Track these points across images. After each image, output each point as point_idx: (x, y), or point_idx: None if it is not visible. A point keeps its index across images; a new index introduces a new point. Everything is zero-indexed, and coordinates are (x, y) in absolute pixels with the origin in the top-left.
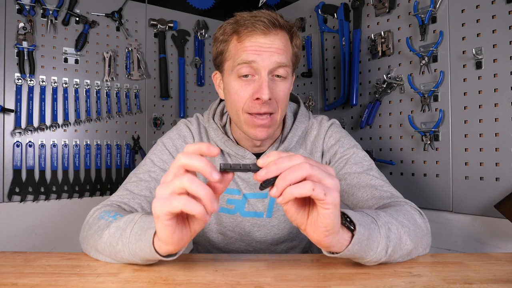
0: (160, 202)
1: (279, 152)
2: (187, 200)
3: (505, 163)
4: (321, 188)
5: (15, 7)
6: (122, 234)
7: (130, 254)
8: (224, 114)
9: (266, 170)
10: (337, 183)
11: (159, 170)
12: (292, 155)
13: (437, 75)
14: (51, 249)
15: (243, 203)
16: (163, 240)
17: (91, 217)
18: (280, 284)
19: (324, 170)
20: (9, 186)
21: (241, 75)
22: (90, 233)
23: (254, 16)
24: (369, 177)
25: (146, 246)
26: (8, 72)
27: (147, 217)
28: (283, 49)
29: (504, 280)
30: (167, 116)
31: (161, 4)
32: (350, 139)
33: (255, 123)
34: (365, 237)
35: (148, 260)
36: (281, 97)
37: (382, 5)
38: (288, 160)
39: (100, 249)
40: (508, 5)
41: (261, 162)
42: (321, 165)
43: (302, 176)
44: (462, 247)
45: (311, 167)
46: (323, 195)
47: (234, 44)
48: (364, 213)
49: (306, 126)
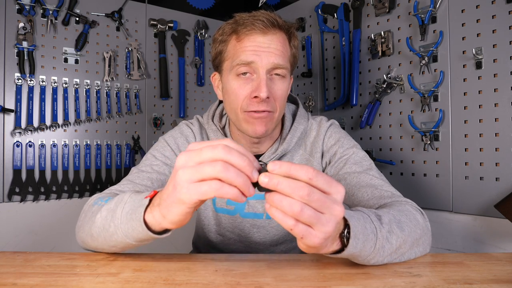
0: (188, 188)
1: (290, 165)
2: (220, 185)
3: (505, 163)
4: (301, 232)
5: (15, 7)
6: (113, 216)
7: (123, 235)
8: (223, 116)
9: (268, 180)
10: (327, 228)
11: (161, 164)
12: (303, 173)
13: (437, 75)
14: (51, 249)
15: (243, 204)
16: (174, 221)
17: (87, 205)
18: (280, 284)
19: (322, 209)
20: (9, 186)
21: (240, 73)
22: (85, 220)
23: (253, 15)
24: (369, 176)
25: (137, 225)
26: (8, 72)
27: (136, 196)
28: (281, 50)
29: (505, 280)
30: (167, 116)
31: (161, 4)
32: (350, 139)
33: (253, 117)
34: (357, 249)
35: (142, 241)
36: (279, 95)
37: (382, 5)
38: (289, 186)
39: (95, 235)
40: (508, 5)
41: (270, 167)
42: (324, 200)
43: (290, 213)
44: (462, 247)
45: (301, 210)
46: (300, 238)
47: (233, 44)
48: (369, 219)
49: (305, 127)
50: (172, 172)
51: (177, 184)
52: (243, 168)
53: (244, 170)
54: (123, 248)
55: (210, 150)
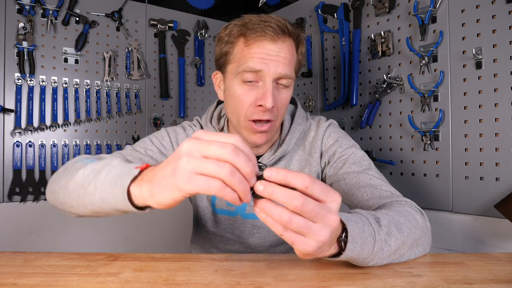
0: (190, 179)
1: (286, 173)
2: (222, 187)
3: (505, 163)
4: (291, 239)
5: (15, 7)
6: (97, 176)
7: (100, 199)
8: (221, 118)
9: (263, 188)
10: (320, 237)
11: (156, 150)
12: (299, 181)
13: (437, 75)
14: (51, 249)
15: (245, 205)
16: (162, 204)
17: (70, 161)
18: (280, 284)
19: (316, 219)
20: (9, 186)
21: (246, 80)
22: (65, 173)
23: (264, 20)
24: (368, 176)
25: (119, 192)
26: (8, 72)
27: (126, 164)
28: (289, 59)
29: (505, 280)
30: (167, 116)
31: (161, 4)
32: (349, 139)
33: (255, 130)
34: (355, 253)
35: (117, 210)
36: (283, 104)
37: (382, 5)
38: (283, 196)
39: (70, 189)
40: (508, 5)
41: (267, 174)
42: (317, 210)
43: (279, 221)
44: (462, 247)
45: (290, 220)
46: (291, 243)
47: (241, 48)
48: (368, 222)
49: (304, 127)
50: (173, 155)
51: (178, 170)
52: (247, 175)
53: (247, 177)
54: (92, 212)
55: (219, 148)
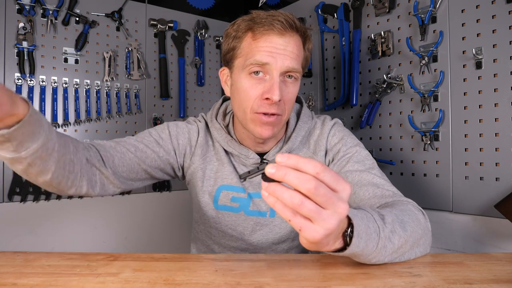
0: None
1: (298, 158)
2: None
3: (505, 163)
4: (298, 224)
5: (15, 7)
6: None
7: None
8: (227, 115)
9: (276, 171)
10: (329, 225)
11: (153, 141)
12: (310, 167)
13: (437, 75)
14: (51, 249)
15: (248, 202)
16: None
17: None
18: (280, 284)
19: (326, 205)
20: (10, 186)
21: (253, 71)
22: None
23: (272, 15)
24: (371, 175)
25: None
26: (8, 72)
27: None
28: (296, 53)
29: (505, 280)
30: (167, 116)
31: (161, 4)
32: (353, 138)
33: (262, 121)
34: (360, 249)
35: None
36: (290, 98)
37: (382, 5)
38: (297, 177)
39: None
40: (508, 5)
41: (278, 159)
42: (329, 195)
43: (290, 205)
44: (462, 247)
45: (301, 203)
46: (298, 230)
47: (248, 42)
48: (373, 218)
49: (309, 126)
50: None
51: None
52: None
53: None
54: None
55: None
